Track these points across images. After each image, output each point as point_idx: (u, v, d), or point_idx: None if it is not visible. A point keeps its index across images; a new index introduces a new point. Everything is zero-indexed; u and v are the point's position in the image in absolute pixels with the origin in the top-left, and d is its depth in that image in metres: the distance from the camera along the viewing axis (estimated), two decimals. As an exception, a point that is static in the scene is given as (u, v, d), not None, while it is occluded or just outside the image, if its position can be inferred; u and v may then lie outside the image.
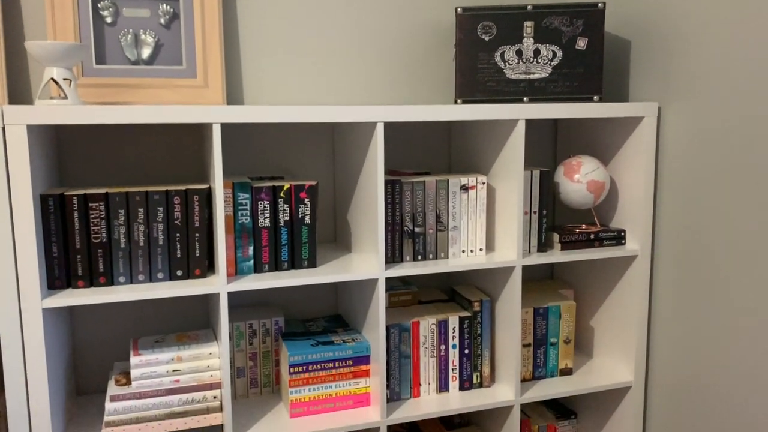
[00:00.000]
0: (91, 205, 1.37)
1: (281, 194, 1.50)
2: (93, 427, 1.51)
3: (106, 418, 1.41)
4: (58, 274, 1.36)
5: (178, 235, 1.42)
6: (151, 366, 1.44)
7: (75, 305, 1.63)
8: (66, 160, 1.61)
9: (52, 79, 1.33)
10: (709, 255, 1.60)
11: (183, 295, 1.37)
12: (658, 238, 1.75)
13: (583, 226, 1.78)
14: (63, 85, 1.33)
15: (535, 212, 1.68)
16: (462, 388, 1.70)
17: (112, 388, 1.44)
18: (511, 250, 1.64)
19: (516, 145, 1.59)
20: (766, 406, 1.48)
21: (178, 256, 1.43)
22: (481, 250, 1.66)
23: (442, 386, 1.69)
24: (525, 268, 2.06)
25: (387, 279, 1.85)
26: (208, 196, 1.46)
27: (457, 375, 1.70)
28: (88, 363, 1.68)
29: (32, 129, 1.28)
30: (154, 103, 1.60)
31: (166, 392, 1.44)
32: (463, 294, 1.75)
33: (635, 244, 1.75)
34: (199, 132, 1.70)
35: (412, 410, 1.60)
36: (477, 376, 1.71)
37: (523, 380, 1.77)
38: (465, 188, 1.63)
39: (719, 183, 1.56)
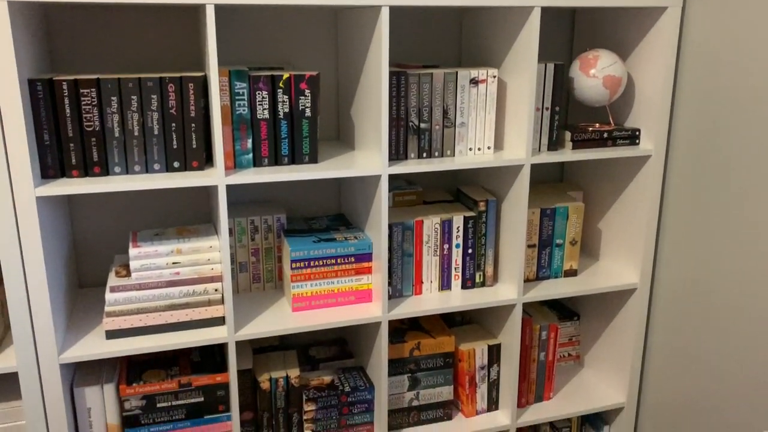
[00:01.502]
0: (82, 91, 1.31)
1: (280, 84, 1.44)
2: (95, 317, 1.52)
3: (106, 309, 1.41)
4: (51, 162, 1.32)
5: (173, 124, 1.37)
6: (150, 258, 1.43)
7: (72, 196, 1.62)
8: (57, 45, 1.54)
9: (34, -47, 1.24)
10: (725, 159, 1.54)
11: (180, 186, 1.34)
12: (674, 139, 1.68)
13: (597, 125, 1.71)
14: (45, -41, 1.24)
15: (547, 108, 1.61)
16: (464, 286, 1.69)
17: (112, 280, 1.43)
18: (520, 148, 1.58)
19: (530, 36, 1.49)
20: (772, 309, 1.47)
21: (175, 147, 1.38)
22: (489, 148, 1.60)
23: (445, 284, 1.68)
24: (535, 169, 2.01)
25: (390, 176, 1.81)
26: (204, 85, 1.39)
27: (460, 274, 1.68)
28: (89, 257, 1.67)
29: (15, 6, 1.20)
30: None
31: (166, 284, 1.44)
32: (469, 194, 1.71)
33: (649, 144, 1.68)
34: (195, 16, 1.61)
35: (413, 306, 1.60)
36: (480, 275, 1.70)
37: (527, 280, 1.76)
38: (474, 82, 1.55)
39: (743, 81, 1.48)
